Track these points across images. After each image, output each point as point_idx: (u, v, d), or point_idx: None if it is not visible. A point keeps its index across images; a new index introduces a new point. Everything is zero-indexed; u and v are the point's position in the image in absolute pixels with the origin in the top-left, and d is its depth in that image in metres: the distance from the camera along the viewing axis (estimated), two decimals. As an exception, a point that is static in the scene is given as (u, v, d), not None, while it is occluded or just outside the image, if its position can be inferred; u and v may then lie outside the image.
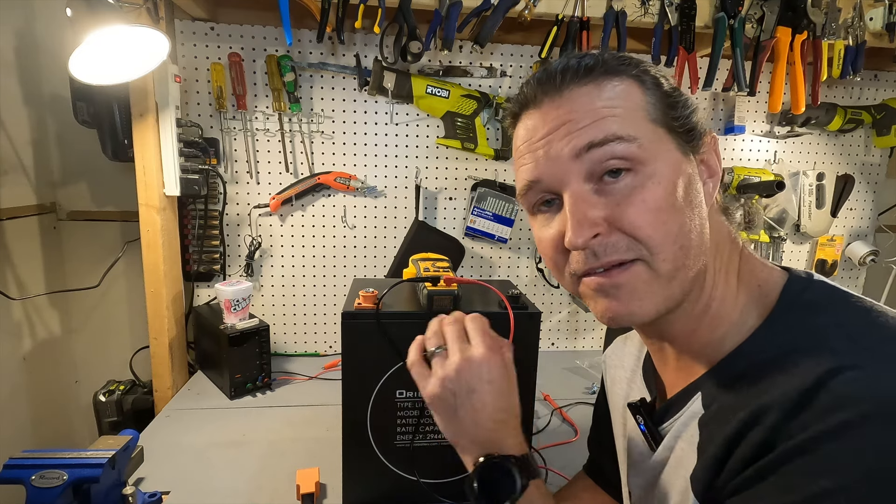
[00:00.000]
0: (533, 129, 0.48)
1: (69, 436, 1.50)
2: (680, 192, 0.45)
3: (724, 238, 0.50)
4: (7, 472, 0.63)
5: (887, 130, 1.51)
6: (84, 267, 1.43)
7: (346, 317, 0.77)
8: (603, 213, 0.44)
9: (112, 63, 0.98)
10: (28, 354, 1.34)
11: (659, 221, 0.44)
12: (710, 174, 0.50)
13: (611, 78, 0.46)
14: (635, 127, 0.45)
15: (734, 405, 0.44)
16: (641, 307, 0.46)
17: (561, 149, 0.45)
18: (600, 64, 0.47)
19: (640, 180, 0.44)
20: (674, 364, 0.54)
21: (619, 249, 0.44)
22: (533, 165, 0.47)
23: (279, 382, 1.27)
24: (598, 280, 0.46)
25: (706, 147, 0.49)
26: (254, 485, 0.89)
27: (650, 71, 0.48)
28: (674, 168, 0.46)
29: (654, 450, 0.54)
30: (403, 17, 1.16)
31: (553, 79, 0.47)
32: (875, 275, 1.68)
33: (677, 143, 0.47)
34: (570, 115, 0.45)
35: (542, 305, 1.53)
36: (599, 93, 0.46)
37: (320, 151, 1.37)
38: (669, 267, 0.45)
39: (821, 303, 0.46)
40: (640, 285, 0.45)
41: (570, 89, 0.46)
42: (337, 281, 1.44)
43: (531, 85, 0.49)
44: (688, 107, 0.48)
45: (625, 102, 0.46)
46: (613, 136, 0.44)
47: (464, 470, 0.58)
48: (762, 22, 1.24)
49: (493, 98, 1.37)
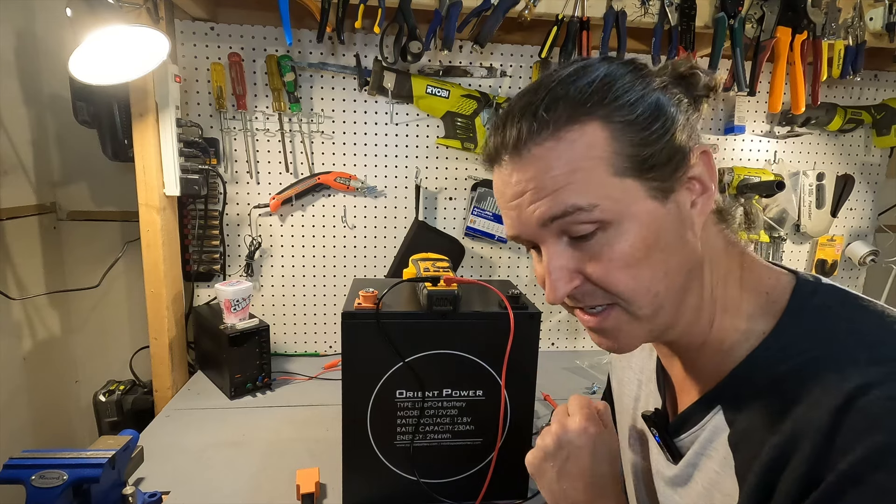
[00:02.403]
0: (502, 188, 0.49)
1: (69, 436, 1.50)
2: (651, 242, 0.44)
3: (719, 252, 0.50)
4: (7, 472, 0.63)
5: (887, 130, 1.51)
6: (84, 267, 1.43)
7: (346, 317, 0.77)
8: (577, 266, 0.46)
9: (112, 63, 0.99)
10: (28, 354, 1.34)
11: (629, 277, 0.44)
12: (702, 191, 0.47)
13: (570, 126, 0.43)
14: (596, 189, 0.43)
15: (763, 426, 0.43)
16: (628, 343, 0.49)
17: (529, 215, 0.46)
18: (564, 107, 0.44)
19: (609, 238, 0.44)
20: (684, 368, 0.54)
21: (596, 297, 0.47)
22: (511, 224, 0.49)
23: (279, 382, 1.27)
24: (586, 320, 0.49)
25: (696, 161, 0.46)
26: (254, 485, 0.89)
27: (622, 98, 0.44)
28: (643, 219, 0.44)
29: (675, 463, 0.53)
30: (403, 17, 1.16)
31: (511, 137, 0.46)
32: (875, 275, 1.68)
33: (648, 189, 0.44)
34: (531, 183, 0.45)
35: (542, 305, 1.53)
36: (558, 152, 0.44)
37: (320, 151, 1.37)
38: (647, 312, 0.46)
39: (832, 307, 0.45)
40: (622, 326, 0.47)
41: (529, 150, 0.45)
42: (337, 281, 1.44)
43: (495, 140, 0.48)
44: (667, 130, 0.44)
45: (585, 162, 0.43)
46: (573, 207, 0.43)
47: (464, 470, 0.58)
48: (762, 22, 1.24)
49: (493, 98, 1.37)
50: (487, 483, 0.82)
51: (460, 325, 0.80)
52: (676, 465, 0.53)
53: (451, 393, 0.82)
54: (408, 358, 0.79)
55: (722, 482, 0.47)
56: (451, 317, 0.79)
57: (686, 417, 0.52)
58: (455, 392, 0.82)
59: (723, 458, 0.47)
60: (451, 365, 0.81)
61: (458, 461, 0.85)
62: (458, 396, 0.82)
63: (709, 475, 0.49)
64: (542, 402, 1.20)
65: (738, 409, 0.46)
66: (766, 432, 0.42)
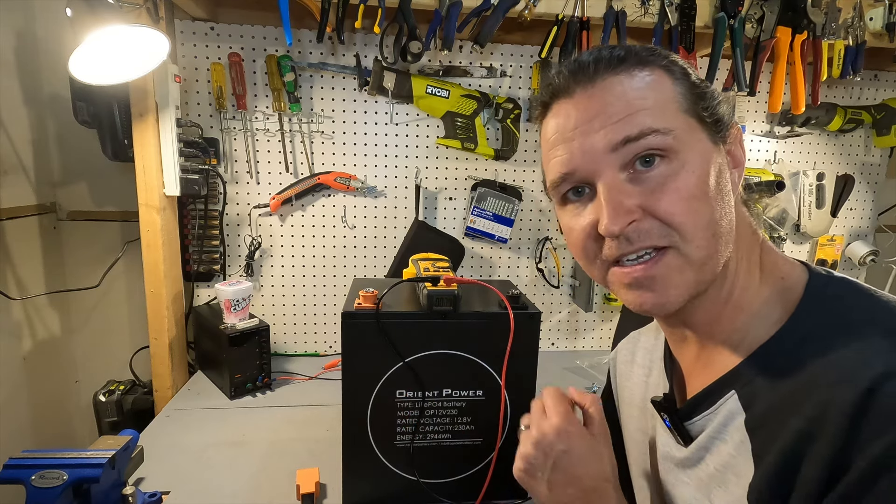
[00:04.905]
0: (565, 119, 0.48)
1: (69, 436, 1.50)
2: (711, 182, 0.46)
3: (745, 228, 0.51)
4: (7, 472, 0.63)
5: (887, 130, 1.51)
6: (84, 267, 1.43)
7: (346, 317, 0.77)
8: (637, 201, 0.45)
9: (112, 63, 0.99)
10: (28, 354, 1.34)
11: (692, 209, 0.44)
12: (735, 164, 0.50)
13: (642, 68, 0.47)
14: (668, 118, 0.45)
15: (783, 408, 0.43)
16: (675, 296, 0.47)
17: (596, 142, 0.46)
18: (632, 55, 0.47)
19: (674, 169, 0.45)
20: (695, 353, 0.54)
21: (652, 235, 0.45)
22: (567, 157, 0.48)
23: (279, 382, 1.27)
24: (631, 274, 0.47)
25: (732, 138, 0.50)
26: (254, 485, 0.89)
27: (678, 62, 0.49)
28: (705, 158, 0.46)
29: (686, 446, 0.53)
30: (403, 17, 1.16)
31: (586, 68, 0.47)
32: (875, 275, 1.68)
33: (707, 133, 0.47)
34: (604, 107, 0.46)
35: (542, 305, 1.53)
36: (632, 83, 0.46)
37: (320, 151, 1.37)
38: (702, 254, 0.45)
39: (845, 297, 0.46)
40: (673, 275, 0.46)
41: (604, 79, 0.47)
42: (337, 281, 1.44)
43: (563, 74, 0.49)
44: (715, 97, 0.48)
45: (656, 94, 0.46)
46: (649, 129, 0.45)
47: (464, 470, 0.58)
48: (762, 22, 1.24)
49: (493, 98, 1.37)
50: (487, 483, 0.82)
51: (460, 325, 0.80)
52: (687, 448, 0.53)
53: (451, 393, 0.82)
54: (408, 358, 0.79)
55: (736, 464, 0.47)
56: (451, 317, 0.79)
57: (698, 401, 0.52)
58: (455, 392, 0.82)
59: (739, 441, 0.47)
60: (451, 365, 0.80)
61: (458, 461, 0.84)
62: (458, 396, 0.82)
63: (722, 458, 0.49)
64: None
65: (754, 394, 0.46)
66: (787, 415, 0.42)
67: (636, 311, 0.49)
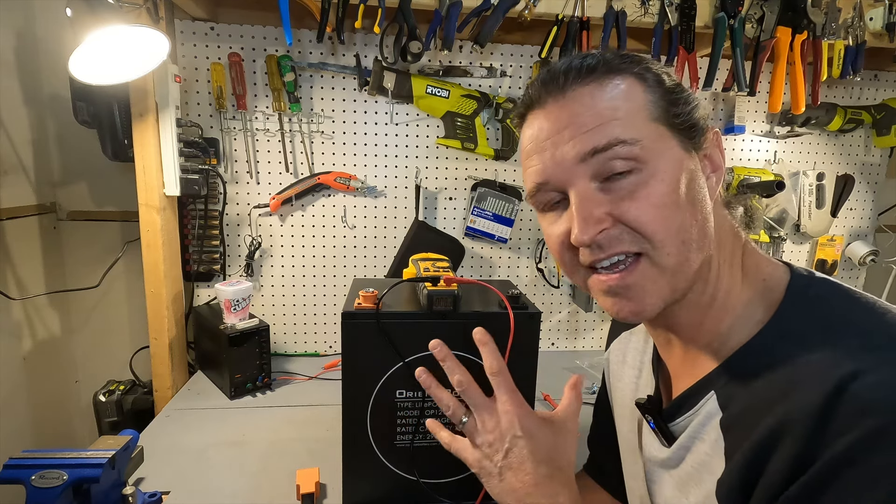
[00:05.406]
0: (538, 129, 0.49)
1: (69, 436, 1.50)
2: (682, 189, 0.46)
3: (726, 232, 0.51)
4: (7, 472, 0.63)
5: (887, 130, 1.51)
6: (84, 267, 1.43)
7: (346, 317, 0.77)
8: (607, 209, 0.46)
9: (112, 63, 0.98)
10: (28, 354, 1.34)
11: (661, 217, 0.45)
12: (713, 169, 0.50)
13: (612, 77, 0.47)
14: (637, 128, 0.46)
15: (756, 407, 0.44)
16: (651, 304, 0.47)
17: (567, 152, 0.46)
18: (602, 63, 0.48)
19: (643, 178, 0.45)
20: (680, 355, 0.55)
21: (623, 241, 0.46)
22: (541, 167, 0.49)
23: (279, 382, 1.27)
24: (607, 282, 0.48)
25: (709, 143, 0.50)
26: (254, 485, 0.89)
27: (652, 68, 0.49)
28: (676, 165, 0.46)
29: (668, 447, 0.54)
30: (403, 17, 1.16)
31: (556, 79, 0.48)
32: (875, 275, 1.68)
33: (679, 140, 0.47)
34: (574, 117, 0.46)
35: (542, 305, 1.53)
36: (602, 93, 0.47)
37: (320, 151, 1.37)
38: (673, 261, 0.46)
39: (826, 298, 0.47)
40: (647, 284, 0.47)
41: (573, 89, 0.47)
42: (337, 281, 1.44)
43: (535, 86, 0.50)
44: (689, 103, 0.48)
45: (626, 103, 0.46)
46: (616, 140, 0.45)
47: (464, 470, 0.58)
48: (762, 22, 1.24)
49: (493, 98, 1.37)
50: (487, 483, 0.82)
51: (460, 325, 0.79)
52: (669, 448, 0.53)
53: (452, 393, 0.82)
54: (408, 358, 0.79)
55: (711, 462, 0.48)
56: (451, 317, 0.79)
57: (681, 403, 0.53)
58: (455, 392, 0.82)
59: (714, 440, 0.48)
60: (451, 365, 0.80)
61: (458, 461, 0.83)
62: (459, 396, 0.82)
63: (699, 457, 0.50)
64: (542, 402, 1.20)
65: (731, 395, 0.47)
66: (759, 415, 0.43)
67: (615, 317, 0.50)
